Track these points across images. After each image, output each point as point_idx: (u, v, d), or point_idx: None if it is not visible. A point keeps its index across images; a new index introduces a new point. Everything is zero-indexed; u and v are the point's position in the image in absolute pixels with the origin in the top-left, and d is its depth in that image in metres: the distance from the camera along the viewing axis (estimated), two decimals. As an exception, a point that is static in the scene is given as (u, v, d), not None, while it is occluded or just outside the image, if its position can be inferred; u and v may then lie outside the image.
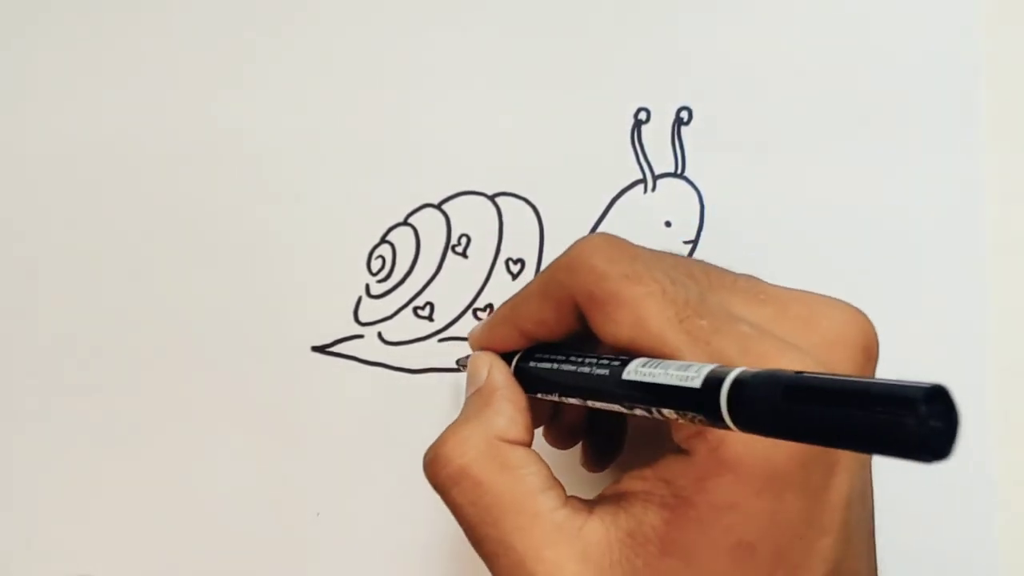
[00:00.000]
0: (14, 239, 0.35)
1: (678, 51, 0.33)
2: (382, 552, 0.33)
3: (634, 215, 0.33)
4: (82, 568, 0.34)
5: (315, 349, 0.33)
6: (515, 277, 0.33)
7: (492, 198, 0.33)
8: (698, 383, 0.19)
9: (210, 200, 0.34)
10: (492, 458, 0.24)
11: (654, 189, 0.33)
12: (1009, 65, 0.32)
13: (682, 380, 0.20)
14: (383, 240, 0.33)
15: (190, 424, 0.34)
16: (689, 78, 0.33)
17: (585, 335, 0.25)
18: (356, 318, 0.33)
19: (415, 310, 0.33)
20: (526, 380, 0.27)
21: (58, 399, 0.34)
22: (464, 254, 0.33)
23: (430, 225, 0.33)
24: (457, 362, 0.33)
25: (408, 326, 0.33)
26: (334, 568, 0.33)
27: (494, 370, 0.27)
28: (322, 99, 0.34)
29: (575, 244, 0.25)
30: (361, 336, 0.33)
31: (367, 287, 0.33)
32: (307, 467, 0.33)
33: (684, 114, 0.33)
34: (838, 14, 0.32)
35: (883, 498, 0.31)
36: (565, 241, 0.33)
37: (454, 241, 0.33)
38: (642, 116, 0.33)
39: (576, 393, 0.25)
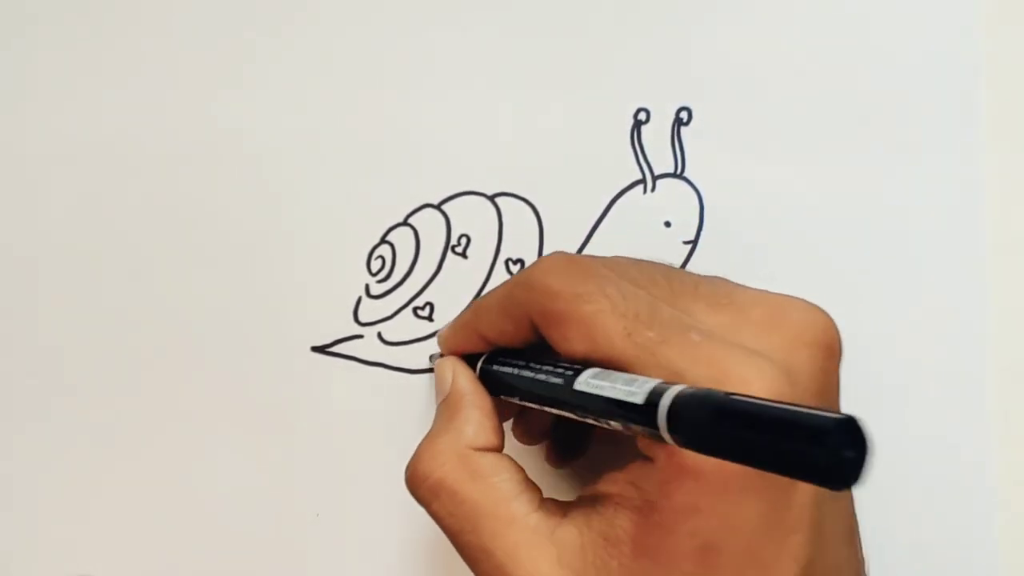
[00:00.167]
0: (14, 239, 0.35)
1: (678, 51, 0.33)
2: (382, 552, 0.33)
3: (634, 215, 0.33)
4: (82, 568, 0.34)
5: (315, 349, 0.33)
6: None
7: (492, 198, 0.33)
8: (640, 399, 0.20)
9: (210, 200, 0.34)
10: (465, 468, 0.25)
11: (654, 189, 0.33)
12: (1009, 65, 0.32)
13: (627, 395, 0.21)
14: (383, 240, 0.33)
15: (190, 424, 0.34)
16: (689, 78, 0.33)
17: (547, 342, 0.25)
18: (356, 318, 0.33)
19: (415, 310, 0.33)
20: (490, 382, 0.28)
21: (58, 399, 0.34)
22: (464, 254, 0.33)
23: (430, 225, 0.33)
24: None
25: (408, 326, 0.33)
26: (334, 568, 0.33)
27: (459, 376, 0.28)
28: (322, 99, 0.34)
29: (534, 263, 0.26)
30: (361, 336, 0.33)
31: (367, 287, 0.33)
32: (307, 467, 0.33)
33: (684, 114, 0.33)
34: (838, 14, 0.32)
35: (883, 498, 0.31)
36: (565, 241, 0.33)
37: (454, 241, 0.33)
38: (642, 116, 0.33)
39: (535, 399, 0.25)
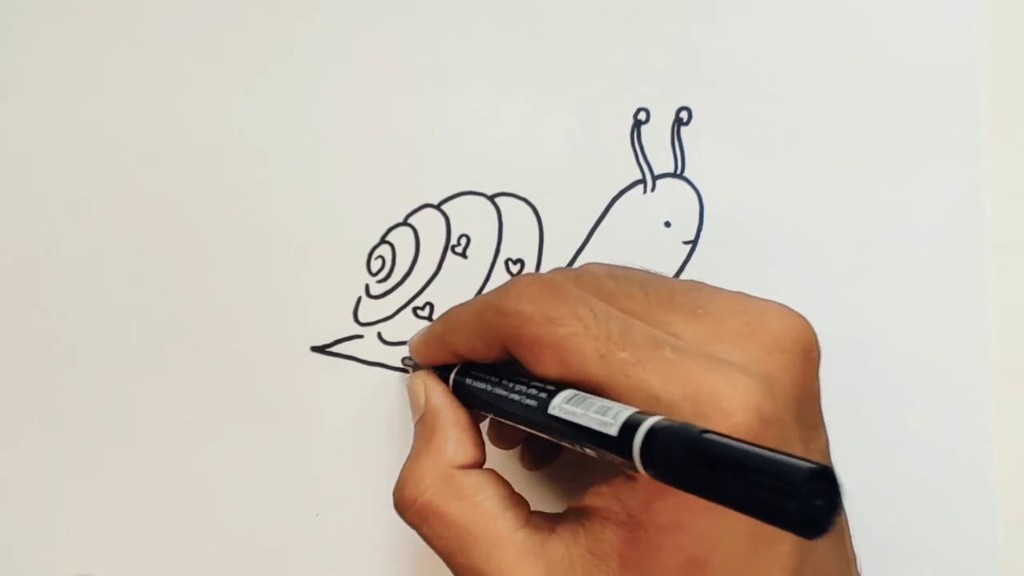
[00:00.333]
0: (15, 238, 0.35)
1: (678, 51, 0.33)
2: (382, 552, 0.33)
3: (633, 215, 0.33)
4: (82, 568, 0.34)
5: (315, 349, 0.33)
6: (514, 277, 0.33)
7: (492, 198, 0.33)
8: (615, 431, 0.20)
9: (209, 200, 0.34)
10: (448, 490, 0.25)
11: (653, 189, 0.33)
12: (1009, 65, 0.32)
13: (600, 425, 0.21)
14: (383, 240, 0.34)
15: (190, 424, 0.34)
16: (689, 78, 0.33)
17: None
18: (356, 318, 0.33)
19: (415, 310, 0.33)
20: (464, 395, 0.28)
21: (58, 399, 0.34)
22: (464, 254, 0.33)
23: (430, 225, 0.33)
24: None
25: (408, 326, 0.33)
26: (334, 568, 0.33)
27: (431, 393, 0.28)
28: (321, 99, 0.34)
29: (505, 286, 0.26)
30: (361, 336, 0.33)
31: (367, 287, 0.33)
32: (307, 467, 0.33)
33: (684, 114, 0.33)
34: (838, 14, 0.32)
35: (883, 498, 0.31)
36: (565, 241, 0.33)
37: (454, 241, 0.33)
38: (642, 116, 0.33)
39: (508, 417, 0.25)
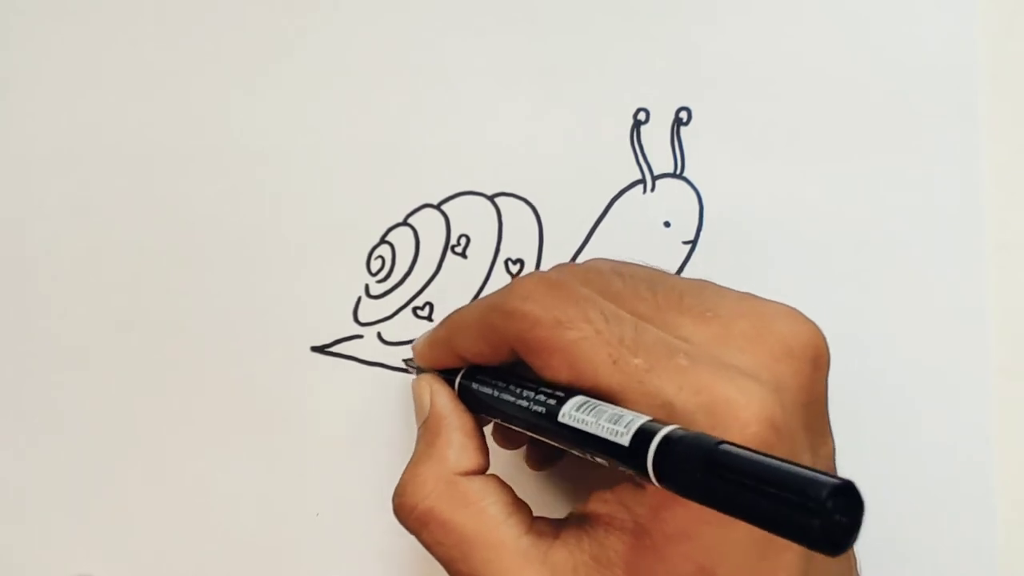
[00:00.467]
0: (15, 238, 0.35)
1: (678, 51, 0.33)
2: (382, 552, 0.33)
3: (633, 215, 0.33)
4: (82, 568, 0.34)
5: (315, 349, 0.33)
6: (514, 277, 0.33)
7: (491, 198, 0.33)
8: (627, 440, 0.20)
9: (209, 200, 0.34)
10: (451, 496, 0.25)
11: (653, 189, 0.33)
12: (1009, 65, 0.32)
13: (612, 434, 0.20)
14: (383, 240, 0.34)
15: (190, 424, 0.34)
16: (688, 78, 0.33)
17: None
18: (356, 318, 0.33)
19: (415, 310, 0.33)
20: (470, 399, 0.27)
21: (58, 399, 0.34)
22: (464, 254, 0.33)
23: (429, 225, 0.33)
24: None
25: (408, 326, 0.33)
26: (334, 568, 0.33)
27: (436, 397, 0.27)
28: (321, 100, 0.34)
29: (511, 286, 0.25)
30: (361, 336, 0.33)
31: (367, 287, 0.34)
32: (307, 467, 0.33)
33: (683, 114, 0.33)
34: (838, 14, 0.32)
35: (883, 499, 0.31)
36: (564, 241, 0.33)
37: (453, 241, 0.33)
38: (641, 116, 0.33)
39: (516, 423, 0.25)
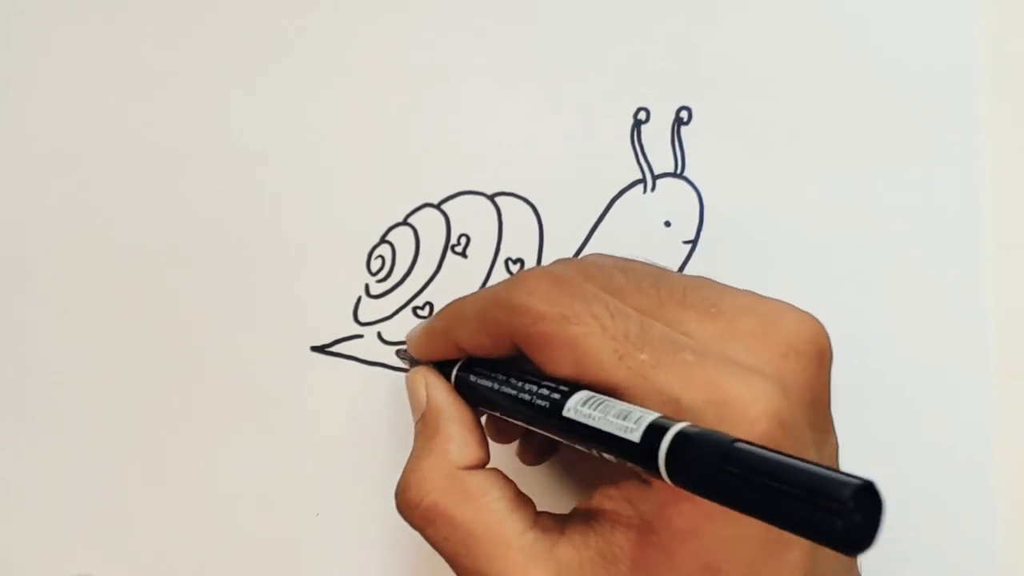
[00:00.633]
0: (15, 238, 0.35)
1: (678, 51, 0.33)
2: (382, 552, 0.33)
3: (633, 215, 0.33)
4: (82, 568, 0.34)
5: (315, 349, 0.33)
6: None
7: (491, 198, 0.33)
8: (637, 436, 0.20)
9: (209, 200, 0.34)
10: (454, 491, 0.25)
11: (653, 189, 0.33)
12: (1009, 65, 0.32)
13: (621, 430, 0.20)
14: (383, 240, 0.34)
15: (189, 424, 0.34)
16: (689, 78, 0.33)
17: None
18: (356, 318, 0.33)
19: (415, 310, 0.33)
20: (467, 392, 0.27)
21: (58, 399, 0.34)
22: (464, 254, 0.33)
23: (430, 225, 0.33)
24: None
25: (408, 326, 0.33)
26: (334, 568, 0.33)
27: (433, 390, 0.27)
28: (321, 99, 0.34)
29: (514, 280, 0.25)
30: (361, 336, 0.33)
31: (367, 287, 0.34)
32: (307, 467, 0.33)
33: (684, 114, 0.33)
34: (838, 14, 0.32)
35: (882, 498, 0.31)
36: (565, 241, 0.33)
37: (453, 241, 0.33)
38: (642, 116, 0.33)
39: (516, 416, 0.25)
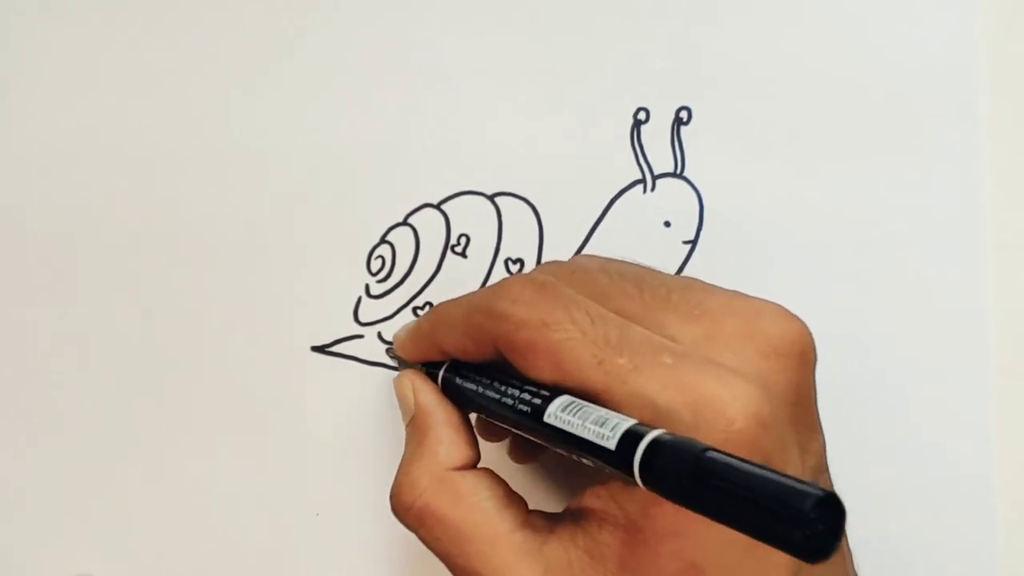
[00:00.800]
0: (14, 238, 0.35)
1: (677, 51, 0.33)
2: (382, 552, 0.33)
3: (633, 215, 0.33)
4: (82, 568, 0.34)
5: (315, 349, 0.33)
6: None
7: (491, 198, 0.33)
8: (613, 444, 0.20)
9: (210, 200, 0.34)
10: (445, 491, 0.25)
11: (653, 189, 0.33)
12: (1009, 65, 0.32)
13: (598, 437, 0.21)
14: (383, 240, 0.34)
15: (190, 424, 0.34)
16: (689, 78, 0.33)
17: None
18: (356, 318, 0.33)
19: (415, 310, 0.33)
20: (454, 394, 0.27)
21: (58, 399, 0.34)
22: (463, 254, 0.33)
23: (429, 225, 0.33)
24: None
25: (408, 326, 0.33)
26: (334, 568, 0.33)
27: (420, 394, 0.27)
28: (322, 99, 0.34)
29: (498, 287, 0.25)
30: (361, 336, 0.33)
31: (367, 287, 0.34)
32: (307, 467, 0.33)
33: (683, 114, 0.33)
34: (838, 14, 0.32)
35: (883, 499, 0.31)
36: (564, 241, 0.33)
37: (453, 241, 0.33)
38: (641, 116, 0.33)
39: (501, 419, 0.25)
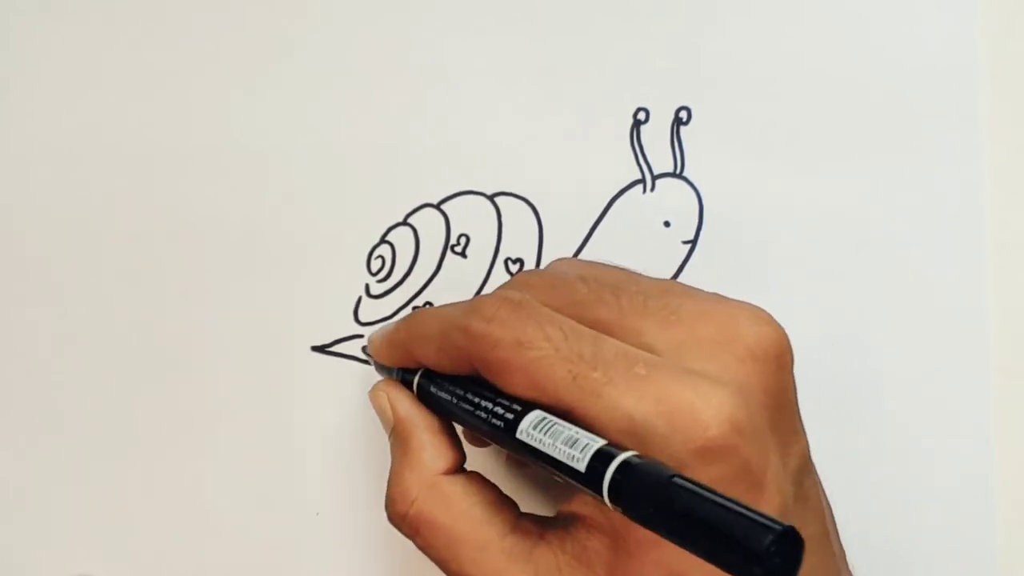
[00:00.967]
0: (15, 238, 0.35)
1: (677, 51, 0.33)
2: (382, 552, 0.33)
3: (633, 215, 0.33)
4: (82, 568, 0.34)
5: (315, 349, 0.33)
6: (524, 271, 0.33)
7: (491, 198, 0.33)
8: (583, 466, 0.21)
9: (210, 200, 0.34)
10: (435, 498, 0.26)
11: (653, 189, 0.33)
12: (1009, 65, 0.32)
13: (569, 459, 0.21)
14: (383, 240, 0.34)
15: (189, 424, 0.34)
16: (688, 78, 0.33)
17: None
18: (356, 318, 0.33)
19: (415, 310, 0.33)
20: (429, 401, 0.27)
21: (58, 398, 0.34)
22: (463, 254, 0.33)
23: (429, 225, 0.33)
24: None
25: (407, 326, 0.33)
26: (334, 568, 0.33)
27: (397, 404, 0.28)
28: (322, 99, 0.34)
29: (473, 305, 0.25)
30: (361, 336, 0.33)
31: (367, 287, 0.34)
32: (307, 467, 0.33)
33: (683, 114, 0.33)
34: (838, 14, 0.32)
35: (883, 499, 0.31)
36: (564, 241, 0.33)
37: (453, 241, 0.33)
38: (641, 116, 0.33)
39: (474, 431, 0.25)
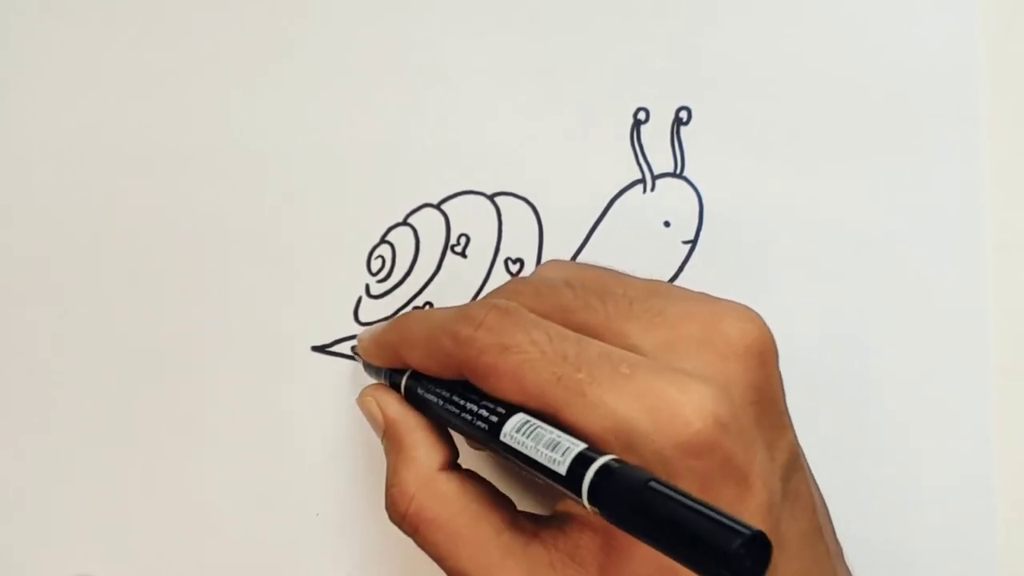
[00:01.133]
0: (14, 238, 0.35)
1: (677, 51, 0.33)
2: (382, 552, 0.33)
3: (633, 215, 0.33)
4: (82, 568, 0.34)
5: (315, 349, 0.33)
6: (514, 277, 0.33)
7: (491, 198, 0.33)
8: (563, 469, 0.21)
9: (209, 200, 0.34)
10: (432, 496, 0.26)
11: (653, 189, 0.33)
12: (1009, 65, 0.32)
13: (550, 461, 0.22)
14: (383, 240, 0.34)
15: (190, 424, 0.34)
16: (688, 78, 0.33)
17: None
18: (356, 318, 0.33)
19: (415, 310, 0.33)
20: (417, 402, 0.28)
21: (58, 398, 0.34)
22: (463, 254, 0.33)
23: (429, 225, 0.33)
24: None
25: (408, 326, 0.33)
26: (334, 568, 0.33)
27: (386, 407, 0.28)
28: (322, 99, 0.34)
29: (462, 311, 0.26)
30: (361, 336, 0.33)
31: (367, 287, 0.34)
32: (307, 467, 0.33)
33: (683, 114, 0.33)
34: (838, 14, 0.33)
35: (882, 499, 0.31)
36: (564, 240, 0.33)
37: (453, 241, 0.33)
38: (641, 116, 0.33)
39: (461, 433, 0.26)
